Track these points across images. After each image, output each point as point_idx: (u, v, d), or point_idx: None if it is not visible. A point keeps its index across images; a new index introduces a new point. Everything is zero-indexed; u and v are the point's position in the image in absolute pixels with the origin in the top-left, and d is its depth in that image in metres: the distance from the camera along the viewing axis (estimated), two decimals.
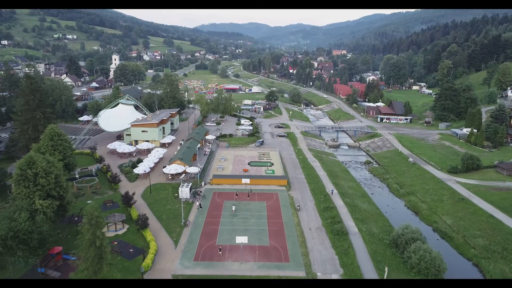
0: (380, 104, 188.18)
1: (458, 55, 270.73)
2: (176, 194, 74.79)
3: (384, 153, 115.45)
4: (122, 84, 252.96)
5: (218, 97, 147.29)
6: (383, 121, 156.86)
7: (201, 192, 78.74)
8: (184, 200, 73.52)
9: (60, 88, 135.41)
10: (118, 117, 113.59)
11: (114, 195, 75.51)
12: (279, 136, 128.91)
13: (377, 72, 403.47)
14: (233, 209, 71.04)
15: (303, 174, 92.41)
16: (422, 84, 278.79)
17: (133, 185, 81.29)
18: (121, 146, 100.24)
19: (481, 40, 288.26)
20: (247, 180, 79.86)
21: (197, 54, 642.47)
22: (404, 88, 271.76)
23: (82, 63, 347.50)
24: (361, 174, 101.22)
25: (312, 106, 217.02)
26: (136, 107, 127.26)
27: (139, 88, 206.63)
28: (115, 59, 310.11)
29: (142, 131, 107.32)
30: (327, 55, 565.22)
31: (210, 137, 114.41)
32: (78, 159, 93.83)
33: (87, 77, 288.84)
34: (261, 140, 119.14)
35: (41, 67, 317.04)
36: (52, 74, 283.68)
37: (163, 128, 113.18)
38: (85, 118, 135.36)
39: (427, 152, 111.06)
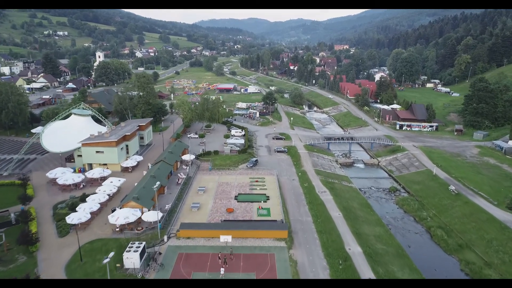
0: (395, 106, 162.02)
1: (477, 49, 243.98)
2: (118, 265, 49.01)
3: (413, 176, 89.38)
4: (104, 84, 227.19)
5: (204, 101, 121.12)
6: (403, 128, 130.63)
7: (160, 254, 53.05)
8: (130, 272, 48.05)
9: (7, 94, 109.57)
10: (68, 132, 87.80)
11: (27, 264, 49.95)
12: (278, 151, 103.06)
13: (384, 68, 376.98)
14: (222, 273, 47.82)
15: (310, 214, 66.63)
16: (436, 81, 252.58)
17: (62, 242, 55.52)
18: (64, 175, 74.43)
19: (502, 32, 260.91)
20: (228, 238, 53.84)
21: (193, 50, 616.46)
22: (416, 86, 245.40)
23: (66, 61, 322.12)
24: (388, 210, 75.30)
25: (316, 108, 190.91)
26: (99, 120, 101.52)
27: (117, 90, 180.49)
28: (99, 56, 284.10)
29: (97, 151, 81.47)
30: (329, 50, 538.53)
31: (188, 156, 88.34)
32: (2, 194, 68.69)
33: (68, 76, 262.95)
34: (254, 159, 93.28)
35: (19, 66, 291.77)
36: (29, 74, 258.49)
37: (126, 146, 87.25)
38: (39, 129, 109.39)
39: (470, 175, 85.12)
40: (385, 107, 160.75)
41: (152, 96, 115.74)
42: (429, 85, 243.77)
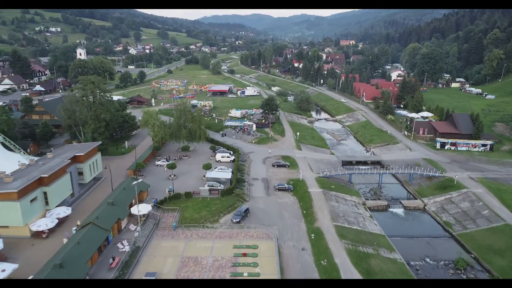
0: (425, 114, 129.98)
1: (511, 43, 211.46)
2: None
3: (487, 236, 57.98)
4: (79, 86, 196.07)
5: (179, 112, 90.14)
6: (446, 147, 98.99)
7: None
8: None
9: None
10: None
11: None
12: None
13: (397, 64, 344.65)
14: None
15: None
16: (461, 79, 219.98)
17: None
18: None
19: None
20: None
21: (192, 46, 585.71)
22: (440, 85, 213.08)
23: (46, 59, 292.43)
24: None
25: (326, 115, 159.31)
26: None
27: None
28: (80, 54, 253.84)
29: None
30: (335, 45, 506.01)
31: (141, 208, 57.30)
32: None
33: (44, 77, 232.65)
34: (244, 207, 62.41)
35: None
36: None
37: (45, 194, 56.47)
38: None
39: None
40: (414, 115, 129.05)
41: (105, 109, 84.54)
42: (454, 84, 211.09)
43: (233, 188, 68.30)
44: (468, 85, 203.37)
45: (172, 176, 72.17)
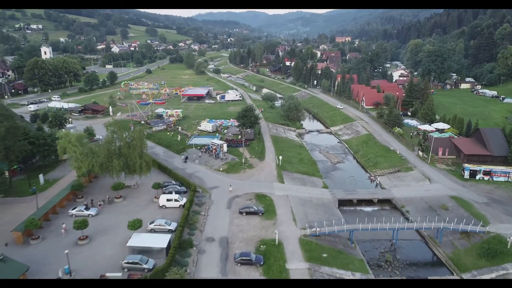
0: (441, 125, 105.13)
1: None
2: None
3: None
4: (36, 90, 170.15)
5: (111, 136, 64.48)
6: (477, 178, 73.91)
7: None
8: None
9: None
10: None
11: None
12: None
13: (396, 62, 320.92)
14: None
15: None
16: (471, 79, 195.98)
17: None
18: None
19: None
20: None
21: (181, 44, 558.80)
22: (448, 86, 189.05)
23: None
24: None
25: (319, 124, 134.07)
26: None
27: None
28: (45, 53, 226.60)
29: None
30: (330, 42, 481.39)
31: None
32: None
33: (2, 78, 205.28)
34: None
35: None
36: None
37: None
38: None
39: None
40: (426, 127, 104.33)
41: (11, 134, 56.93)
42: (464, 85, 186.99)
43: (168, 267, 42.90)
44: (480, 86, 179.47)
45: (84, 238, 46.54)
